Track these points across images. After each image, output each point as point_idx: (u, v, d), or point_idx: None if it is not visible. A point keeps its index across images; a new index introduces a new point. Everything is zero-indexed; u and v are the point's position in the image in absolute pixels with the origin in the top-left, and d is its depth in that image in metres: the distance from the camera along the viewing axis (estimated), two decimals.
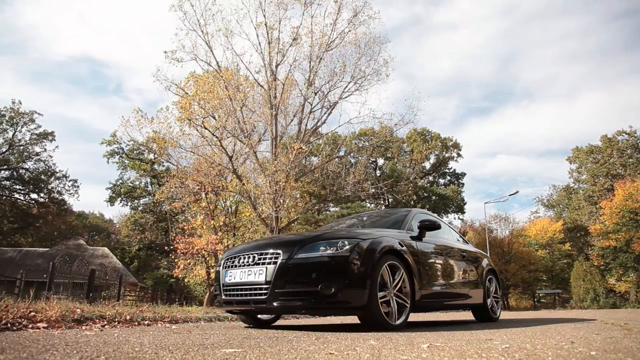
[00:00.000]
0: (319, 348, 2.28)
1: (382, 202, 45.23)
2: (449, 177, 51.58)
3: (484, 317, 6.06)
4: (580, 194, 51.46)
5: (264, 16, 15.58)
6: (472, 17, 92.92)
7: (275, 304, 3.60)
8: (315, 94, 16.23)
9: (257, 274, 3.73)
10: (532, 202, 63.76)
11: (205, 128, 15.26)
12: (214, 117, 15.86)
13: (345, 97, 16.38)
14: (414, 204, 18.61)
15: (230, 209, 21.89)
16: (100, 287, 17.03)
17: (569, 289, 39.99)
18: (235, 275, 3.96)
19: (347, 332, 3.45)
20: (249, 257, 3.91)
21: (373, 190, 18.30)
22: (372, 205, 45.35)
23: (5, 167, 41.73)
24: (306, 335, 3.23)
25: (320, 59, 15.99)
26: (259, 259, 3.81)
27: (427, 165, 48.88)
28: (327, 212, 42.40)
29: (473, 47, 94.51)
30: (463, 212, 49.39)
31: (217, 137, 15.22)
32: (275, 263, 3.66)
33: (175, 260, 18.21)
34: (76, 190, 44.76)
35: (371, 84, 16.33)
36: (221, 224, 18.68)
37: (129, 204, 45.22)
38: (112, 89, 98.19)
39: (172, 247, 18.65)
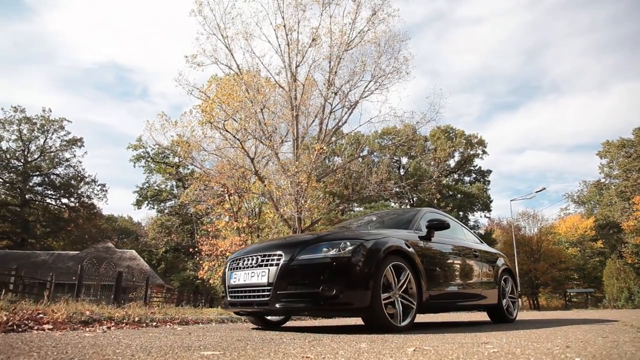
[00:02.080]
0: (302, 351, 2.26)
1: (406, 201, 44.79)
2: (474, 175, 50.69)
3: (500, 318, 5.92)
4: (612, 189, 49.87)
5: (283, 18, 15.62)
6: (496, 10, 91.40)
7: (277, 305, 3.58)
8: (336, 93, 16.18)
9: (260, 276, 3.73)
10: (562, 199, 62.15)
11: (227, 131, 15.38)
12: (235, 120, 15.97)
13: (366, 97, 16.32)
14: (437, 203, 18.36)
15: (254, 211, 22.03)
16: (128, 289, 17.39)
17: (602, 288, 38.80)
18: (240, 277, 3.97)
19: (350, 334, 3.41)
20: (252, 259, 3.91)
21: (396, 190, 18.12)
22: (396, 204, 44.98)
23: (37, 173, 43.15)
24: (304, 337, 3.19)
25: (340, 58, 15.94)
26: (262, 260, 3.80)
27: (452, 163, 48.15)
28: (352, 212, 42.24)
29: (497, 41, 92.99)
30: (489, 210, 48.49)
31: (238, 139, 15.32)
32: (277, 265, 3.65)
33: (200, 262, 18.41)
34: (105, 195, 46.02)
35: (392, 82, 16.22)
36: (245, 225, 18.81)
37: (156, 207, 46.01)
38: (137, 94, 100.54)
39: (197, 249, 18.88)
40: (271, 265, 3.69)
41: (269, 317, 4.80)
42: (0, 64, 75.27)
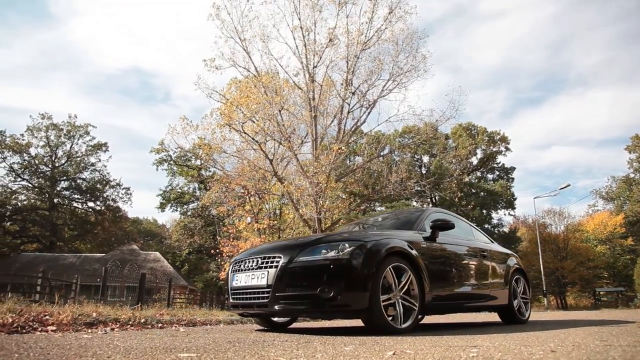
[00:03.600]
0: (282, 353, 2.27)
1: (428, 200, 44.38)
2: (497, 172, 49.84)
3: (511, 319, 5.82)
4: None
5: (300, 19, 15.61)
6: (519, 3, 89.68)
7: (276, 307, 3.61)
8: (353, 93, 16.10)
9: (260, 278, 3.76)
10: (589, 195, 60.50)
11: (246, 133, 15.47)
12: (253, 122, 16.06)
13: (384, 96, 16.15)
14: (459, 201, 18.10)
15: (274, 212, 22.12)
16: (152, 290, 17.66)
17: (633, 287, 37.64)
18: (241, 279, 4.01)
19: (345, 336, 3.38)
20: (253, 261, 3.95)
21: (417, 189, 17.93)
22: (418, 203, 44.58)
23: (64, 177, 44.36)
24: (298, 339, 3.20)
25: (358, 58, 15.86)
26: (262, 262, 3.84)
27: (474, 160, 47.44)
28: (373, 211, 42.04)
29: (521, 35, 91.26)
30: (513, 208, 47.58)
31: (256, 141, 15.40)
32: (276, 267, 3.67)
33: (222, 263, 18.57)
34: (129, 198, 47.01)
35: (410, 80, 16.03)
36: (265, 226, 18.90)
37: (179, 209, 46.69)
38: (160, 98, 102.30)
39: (218, 250, 19.05)
40: (270, 267, 3.72)
41: (274, 319, 4.80)
42: (28, 72, 77.73)
